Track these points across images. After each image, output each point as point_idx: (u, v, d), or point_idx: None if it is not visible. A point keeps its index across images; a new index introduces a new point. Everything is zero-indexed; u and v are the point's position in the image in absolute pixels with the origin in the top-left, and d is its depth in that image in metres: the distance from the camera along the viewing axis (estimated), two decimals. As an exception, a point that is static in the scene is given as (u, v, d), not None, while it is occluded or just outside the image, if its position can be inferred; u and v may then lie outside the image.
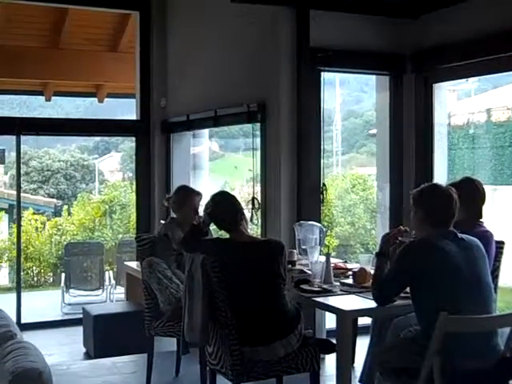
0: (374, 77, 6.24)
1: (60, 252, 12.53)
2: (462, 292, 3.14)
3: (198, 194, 4.65)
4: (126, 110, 12.09)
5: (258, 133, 5.70)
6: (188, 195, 4.64)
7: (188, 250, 3.76)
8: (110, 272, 10.14)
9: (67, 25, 8.79)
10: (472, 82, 13.52)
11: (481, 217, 3.90)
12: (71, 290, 9.62)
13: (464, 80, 12.19)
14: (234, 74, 6.04)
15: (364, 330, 4.90)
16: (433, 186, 3.39)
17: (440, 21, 5.41)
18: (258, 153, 5.70)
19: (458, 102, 13.84)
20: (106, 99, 10.91)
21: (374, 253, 3.53)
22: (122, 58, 9.07)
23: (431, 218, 3.26)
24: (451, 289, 3.13)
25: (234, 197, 3.72)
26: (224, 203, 3.65)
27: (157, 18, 7.37)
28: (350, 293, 3.78)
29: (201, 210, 4.26)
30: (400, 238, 3.51)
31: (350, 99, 25.28)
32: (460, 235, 3.26)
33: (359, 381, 4.15)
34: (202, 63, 6.66)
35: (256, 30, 5.71)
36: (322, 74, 5.48)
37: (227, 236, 3.65)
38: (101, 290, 9.71)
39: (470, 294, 3.15)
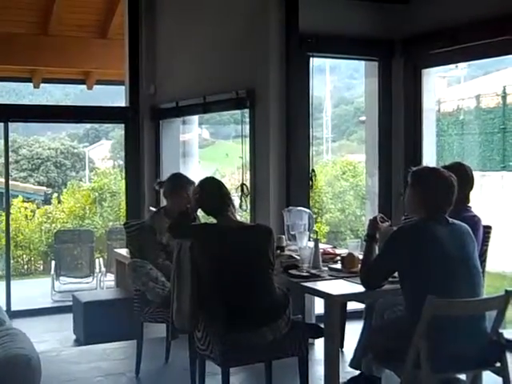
0: (363, 63, 6.23)
1: (50, 240, 12.49)
2: (450, 276, 3.16)
3: (192, 184, 4.62)
4: (117, 97, 12.04)
5: (248, 120, 5.69)
6: (182, 184, 4.62)
7: (176, 236, 3.76)
8: (101, 259, 10.13)
9: (56, 11, 8.74)
10: (462, 69, 13.53)
11: (468, 202, 3.92)
12: (61, 278, 9.61)
13: (454, 66, 12.21)
14: (223, 60, 6.02)
15: (354, 315, 4.93)
16: (436, 173, 3.32)
17: (429, 5, 5.40)
18: (248, 140, 5.70)
19: (448, 89, 13.86)
20: (95, 86, 10.86)
21: (364, 236, 3.55)
22: (111, 45, 9.03)
23: (429, 204, 3.26)
24: (441, 274, 3.14)
25: (221, 182, 3.71)
26: (211, 189, 3.64)
27: (145, 4, 7.33)
28: (338, 278, 3.78)
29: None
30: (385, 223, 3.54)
31: (341, 86, 25.26)
32: (451, 220, 3.27)
33: (349, 365, 4.17)
34: (191, 49, 6.63)
35: (245, 15, 5.69)
36: (311, 59, 5.47)
37: (215, 221, 3.65)
38: (91, 278, 9.71)
39: (460, 278, 3.17)
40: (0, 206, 13.47)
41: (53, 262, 10.00)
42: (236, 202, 5.02)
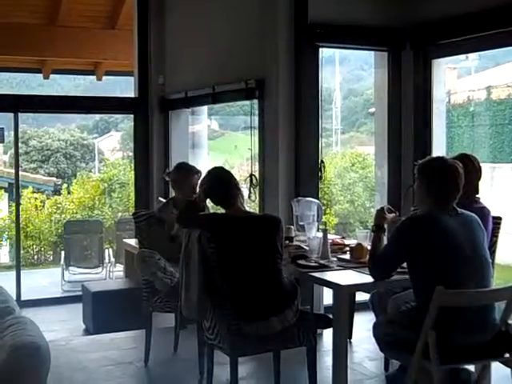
0: (373, 54, 6.19)
1: (60, 230, 12.55)
2: (460, 267, 3.15)
3: (198, 173, 4.63)
4: (127, 88, 12.05)
5: (257, 111, 5.68)
6: (188, 174, 4.62)
7: (184, 226, 3.76)
8: (110, 250, 10.18)
9: (65, 2, 8.73)
10: (472, 60, 13.44)
11: (477, 193, 3.90)
12: (71, 268, 9.68)
13: (464, 57, 12.13)
14: (232, 51, 6.01)
15: (362, 306, 4.93)
16: (441, 162, 3.30)
17: (439, -5, 5.36)
18: (257, 131, 5.69)
19: (459, 80, 13.78)
20: (104, 77, 10.87)
21: (372, 227, 3.54)
22: (120, 36, 9.02)
23: (435, 194, 3.25)
24: (450, 263, 3.13)
25: (229, 172, 3.71)
26: (219, 179, 3.64)
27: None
28: (346, 268, 3.78)
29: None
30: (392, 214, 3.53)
31: (351, 77, 25.14)
32: (460, 210, 3.26)
33: None
34: (199, 40, 6.62)
35: (254, 5, 5.67)
36: (321, 50, 5.44)
37: (223, 211, 3.65)
38: (100, 268, 9.77)
39: (469, 268, 3.16)
40: (10, 197, 13.55)
41: (62, 253, 10.06)
42: (245, 192, 5.02)
